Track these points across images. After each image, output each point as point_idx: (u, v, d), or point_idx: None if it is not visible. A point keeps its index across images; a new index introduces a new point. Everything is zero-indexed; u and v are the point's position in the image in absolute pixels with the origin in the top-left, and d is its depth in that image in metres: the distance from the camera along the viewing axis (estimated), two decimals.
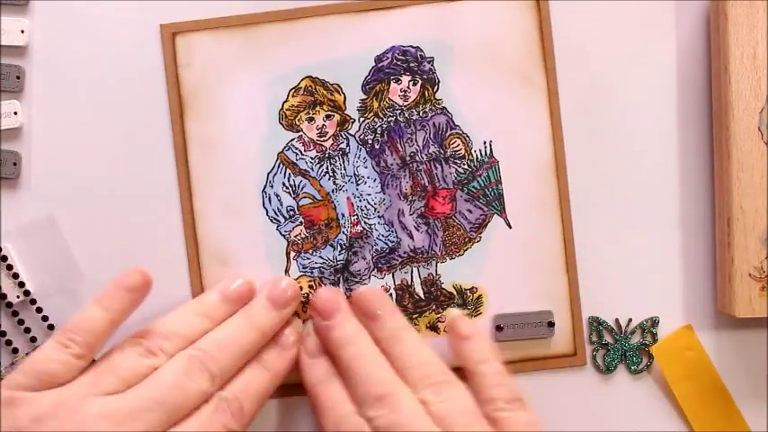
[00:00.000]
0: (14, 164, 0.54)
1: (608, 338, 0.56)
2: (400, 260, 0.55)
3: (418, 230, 0.54)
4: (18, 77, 0.54)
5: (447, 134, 0.54)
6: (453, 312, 0.54)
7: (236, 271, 0.54)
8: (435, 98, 0.54)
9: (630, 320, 0.56)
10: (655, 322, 0.55)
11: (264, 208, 0.54)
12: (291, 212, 0.54)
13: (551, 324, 0.55)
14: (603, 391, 0.56)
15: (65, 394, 0.47)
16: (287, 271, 0.55)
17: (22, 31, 0.53)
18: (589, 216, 0.55)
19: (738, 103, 0.52)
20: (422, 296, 0.55)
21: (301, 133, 0.54)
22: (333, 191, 0.55)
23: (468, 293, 0.55)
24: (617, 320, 0.56)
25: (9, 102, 0.53)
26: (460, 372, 0.51)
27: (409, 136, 0.54)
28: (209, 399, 0.48)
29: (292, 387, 0.54)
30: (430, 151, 0.54)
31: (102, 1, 0.54)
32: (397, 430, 0.47)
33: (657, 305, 0.56)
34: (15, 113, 0.54)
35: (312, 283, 0.55)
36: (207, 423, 0.48)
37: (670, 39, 0.55)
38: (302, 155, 0.54)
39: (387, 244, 0.55)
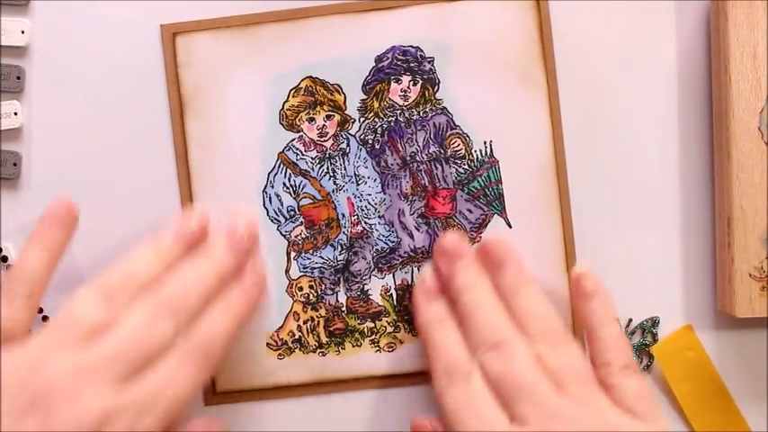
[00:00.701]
0: (14, 164, 0.54)
1: None
2: (401, 260, 0.55)
3: (419, 230, 0.54)
4: (18, 77, 0.54)
5: (447, 134, 0.54)
6: (582, 266, 0.53)
7: None
8: (435, 98, 0.54)
9: (631, 320, 0.56)
10: (655, 322, 0.55)
11: (265, 208, 0.54)
12: (292, 213, 0.54)
13: None
14: None
15: (27, 352, 0.46)
16: (287, 271, 0.55)
17: (23, 32, 0.53)
18: (589, 216, 0.55)
19: (738, 103, 0.52)
20: None
21: (302, 133, 0.54)
22: (333, 191, 0.55)
23: None
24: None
25: (9, 102, 0.53)
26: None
27: (409, 136, 0.54)
28: (175, 345, 0.47)
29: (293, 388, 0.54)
30: (430, 151, 0.54)
31: (102, 1, 0.54)
32: (508, 378, 0.47)
33: (657, 305, 0.56)
34: (15, 114, 0.54)
35: (312, 283, 0.55)
36: (174, 367, 0.47)
37: (670, 39, 0.55)
38: (303, 155, 0.54)
39: (387, 244, 0.55)
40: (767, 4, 0.52)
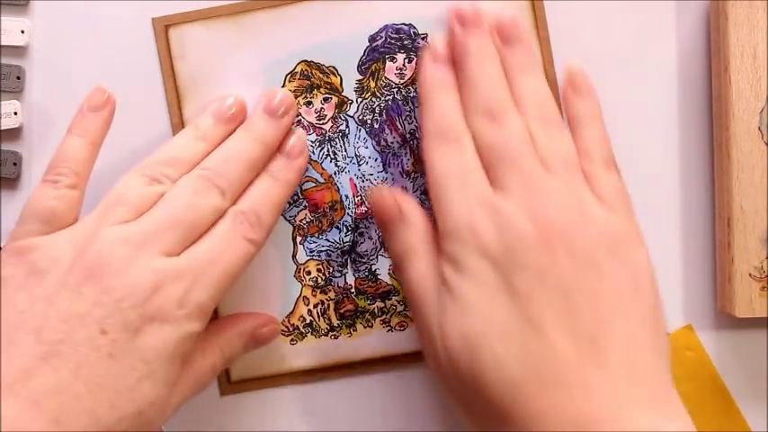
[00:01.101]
0: (14, 164, 0.54)
1: None
2: None
3: (423, 207, 0.54)
4: (18, 77, 0.54)
5: None
6: (574, 64, 0.52)
7: None
8: None
9: None
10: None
11: None
12: (295, 197, 0.54)
13: None
14: None
15: (77, 230, 0.47)
16: (294, 256, 0.55)
17: (22, 31, 0.54)
18: None
19: (738, 103, 0.51)
20: None
21: (300, 117, 0.54)
22: (335, 173, 0.55)
23: None
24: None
25: (9, 102, 0.54)
26: None
27: (408, 113, 0.54)
28: (224, 215, 0.48)
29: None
30: None
31: (102, 1, 0.54)
32: (498, 146, 0.47)
33: None
34: (15, 113, 0.54)
35: (320, 266, 0.55)
36: (226, 236, 0.48)
37: (670, 39, 0.55)
38: None
39: None
40: (767, 4, 0.51)
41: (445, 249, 0.46)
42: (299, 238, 0.55)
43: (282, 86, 0.54)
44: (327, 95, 0.54)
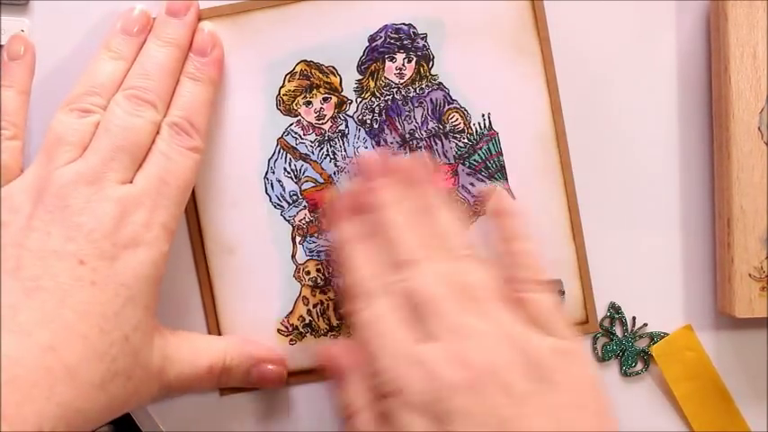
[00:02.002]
0: None
1: (618, 330, 0.55)
2: None
3: None
4: None
5: (445, 109, 0.54)
6: (492, 187, 0.53)
7: (244, 259, 0.54)
8: (431, 74, 0.54)
9: (646, 325, 0.55)
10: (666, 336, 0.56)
11: (267, 194, 0.54)
12: (294, 197, 0.54)
13: (562, 293, 0.54)
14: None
15: (27, 179, 0.48)
16: (293, 256, 0.55)
17: (22, 31, 0.54)
18: (589, 216, 0.55)
19: (738, 103, 0.52)
20: None
21: (299, 118, 0.54)
22: (335, 173, 0.55)
23: None
24: (634, 318, 0.55)
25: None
26: None
27: (407, 113, 0.55)
28: (160, 130, 0.49)
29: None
30: (429, 127, 0.54)
31: (102, 0, 0.54)
32: (414, 297, 0.46)
33: (657, 305, 0.56)
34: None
35: (320, 266, 0.54)
36: (168, 152, 0.49)
37: (670, 39, 0.55)
38: (302, 139, 0.54)
39: None
40: (767, 4, 0.52)
41: (380, 401, 0.45)
42: (298, 238, 0.55)
43: (282, 86, 0.54)
44: (327, 95, 0.54)
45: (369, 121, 0.54)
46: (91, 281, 0.45)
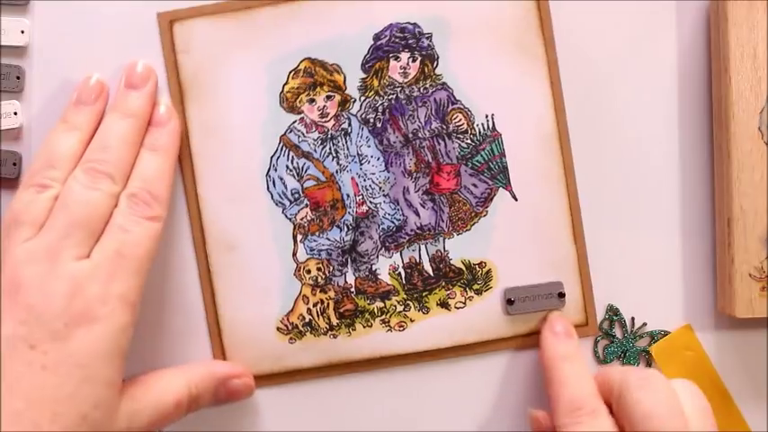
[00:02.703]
0: (14, 164, 0.54)
1: (618, 332, 0.55)
2: (408, 238, 0.55)
3: (424, 207, 0.54)
4: (18, 77, 0.54)
5: (449, 109, 0.54)
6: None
7: (244, 257, 0.54)
8: (435, 74, 0.54)
9: (645, 324, 0.55)
10: (666, 334, 0.55)
11: (269, 192, 0.54)
12: (296, 195, 0.54)
13: (562, 295, 0.54)
14: None
15: None
16: (294, 254, 0.54)
17: (22, 31, 0.54)
18: (589, 216, 0.55)
19: (738, 103, 0.52)
20: (431, 273, 0.55)
21: (303, 115, 0.54)
22: (337, 171, 0.54)
23: (477, 268, 0.55)
24: (633, 319, 0.55)
25: (9, 102, 0.54)
26: None
27: (411, 113, 0.54)
28: (118, 202, 0.49)
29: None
30: (432, 127, 0.54)
31: (102, 0, 0.54)
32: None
33: (657, 305, 0.56)
34: (15, 114, 0.54)
35: (320, 265, 0.54)
36: (126, 223, 0.48)
37: (670, 39, 0.55)
38: (304, 137, 0.54)
39: (393, 222, 0.55)
40: (767, 4, 0.52)
41: None
42: (299, 237, 0.54)
43: (286, 83, 0.54)
44: (330, 93, 0.54)
45: (372, 120, 0.54)
46: (41, 365, 0.45)
